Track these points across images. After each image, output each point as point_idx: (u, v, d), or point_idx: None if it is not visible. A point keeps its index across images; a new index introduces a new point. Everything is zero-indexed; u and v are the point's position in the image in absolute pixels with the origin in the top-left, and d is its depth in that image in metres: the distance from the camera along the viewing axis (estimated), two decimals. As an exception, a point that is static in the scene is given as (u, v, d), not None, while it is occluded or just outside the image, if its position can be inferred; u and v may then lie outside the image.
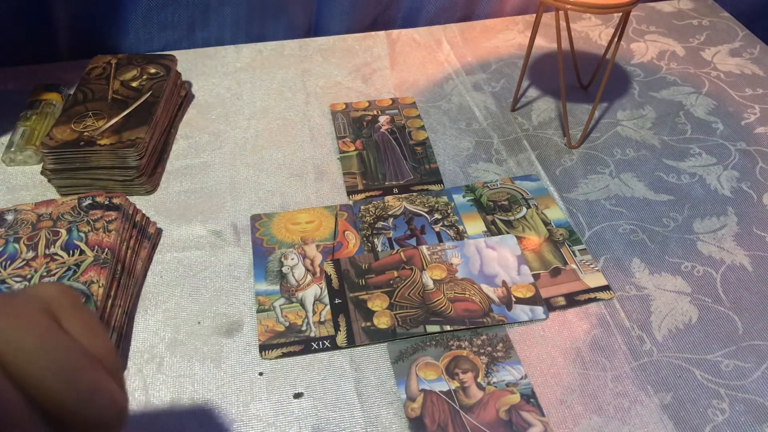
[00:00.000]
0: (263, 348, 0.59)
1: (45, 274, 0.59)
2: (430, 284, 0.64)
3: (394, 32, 1.00)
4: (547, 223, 0.70)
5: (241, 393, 0.56)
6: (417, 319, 0.61)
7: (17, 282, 0.58)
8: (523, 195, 0.74)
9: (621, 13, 0.74)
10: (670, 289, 0.64)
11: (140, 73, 0.81)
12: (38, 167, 0.76)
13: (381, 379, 0.57)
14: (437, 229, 0.70)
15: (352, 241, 0.69)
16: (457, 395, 0.55)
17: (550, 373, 0.57)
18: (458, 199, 0.73)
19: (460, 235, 0.69)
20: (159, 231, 0.70)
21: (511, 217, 0.71)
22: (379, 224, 0.71)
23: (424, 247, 0.68)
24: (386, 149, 0.80)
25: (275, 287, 0.64)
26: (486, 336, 0.60)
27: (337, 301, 0.63)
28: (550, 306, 0.62)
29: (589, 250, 0.67)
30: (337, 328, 0.60)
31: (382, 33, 1.00)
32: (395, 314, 0.61)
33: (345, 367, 0.58)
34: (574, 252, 0.67)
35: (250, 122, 0.84)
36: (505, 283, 0.64)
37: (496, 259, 0.66)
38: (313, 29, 1.01)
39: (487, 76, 0.92)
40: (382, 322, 0.61)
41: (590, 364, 0.58)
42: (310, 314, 0.62)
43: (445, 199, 0.73)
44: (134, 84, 0.80)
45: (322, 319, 0.61)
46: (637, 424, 0.54)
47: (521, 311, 0.62)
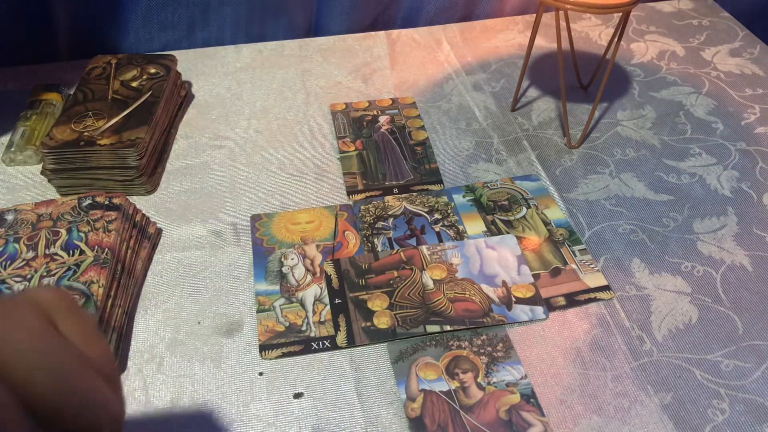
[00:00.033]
0: (263, 348, 0.59)
1: (45, 274, 0.59)
2: (430, 284, 0.64)
3: (394, 32, 1.00)
4: (547, 223, 0.70)
5: (241, 393, 0.56)
6: (417, 319, 0.61)
7: (17, 282, 0.58)
8: (523, 195, 0.74)
9: (621, 13, 0.74)
10: (670, 289, 0.64)
11: (140, 73, 0.81)
12: (38, 167, 0.76)
13: (381, 379, 0.57)
14: (437, 229, 0.70)
15: (352, 241, 0.69)
16: (457, 395, 0.55)
17: (550, 373, 0.57)
18: (458, 199, 0.73)
19: (460, 235, 0.69)
20: (159, 231, 0.70)
21: (511, 217, 0.71)
22: (379, 224, 0.71)
23: (424, 247, 0.68)
24: (386, 149, 0.80)
25: (275, 287, 0.64)
26: (486, 336, 0.60)
27: (337, 301, 0.63)
28: (550, 306, 0.62)
29: (589, 250, 0.67)
30: (337, 328, 0.60)
31: (382, 33, 1.00)
32: (395, 314, 0.61)
33: (345, 367, 0.58)
34: (574, 252, 0.67)
35: (250, 122, 0.84)
36: (505, 283, 0.64)
37: (496, 259, 0.66)
38: (313, 29, 1.01)
39: (487, 76, 0.92)
40: (382, 322, 0.61)
41: (590, 364, 0.58)
42: (310, 314, 0.62)
43: (445, 199, 0.73)
44: (134, 84, 0.80)
45: (322, 319, 0.61)
46: (637, 424, 0.53)
47: (521, 311, 0.62)
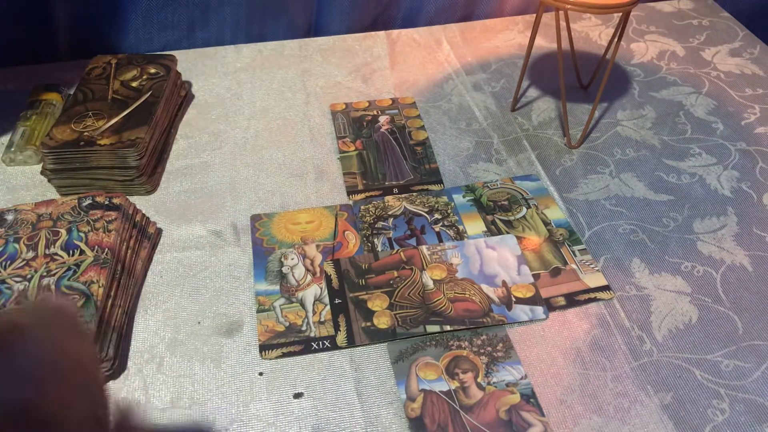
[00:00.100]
0: (263, 348, 0.59)
1: (45, 274, 0.59)
2: (430, 284, 0.64)
3: (394, 32, 1.00)
4: (547, 223, 0.70)
5: (241, 393, 0.56)
6: (417, 319, 0.61)
7: (17, 282, 0.58)
8: (523, 195, 0.74)
9: (621, 13, 0.74)
10: (670, 289, 0.64)
11: (140, 73, 0.81)
12: (38, 167, 0.76)
13: (381, 379, 0.57)
14: (437, 229, 0.70)
15: (352, 241, 0.69)
16: (457, 395, 0.55)
17: (550, 373, 0.57)
18: (458, 199, 0.73)
19: (460, 235, 0.69)
20: (159, 231, 0.70)
21: (511, 217, 0.71)
22: (379, 224, 0.71)
23: (424, 247, 0.68)
24: (386, 149, 0.80)
25: (275, 287, 0.64)
26: (486, 336, 0.60)
27: (337, 301, 0.63)
28: (550, 306, 0.62)
29: (589, 250, 0.67)
30: (337, 328, 0.60)
31: (382, 33, 1.00)
32: (395, 314, 0.61)
33: (345, 367, 0.58)
34: (574, 252, 0.67)
35: (250, 122, 0.84)
36: (505, 283, 0.64)
37: (496, 259, 0.66)
38: (313, 29, 1.01)
39: (487, 76, 0.92)
40: (382, 322, 0.61)
41: (590, 364, 0.58)
42: (310, 314, 0.62)
43: (445, 199, 0.73)
44: (134, 84, 0.80)
45: (322, 319, 0.61)
46: (637, 424, 0.53)
47: (521, 311, 0.62)
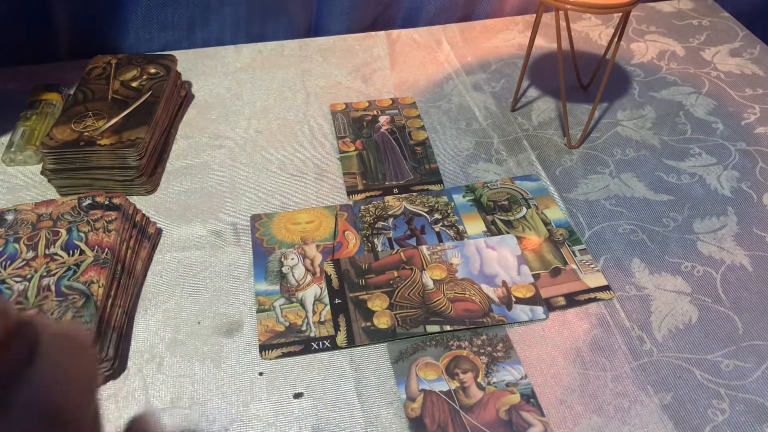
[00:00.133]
0: (263, 348, 0.59)
1: (45, 274, 0.59)
2: (430, 284, 0.64)
3: (394, 32, 1.00)
4: (547, 223, 0.70)
5: (241, 393, 0.56)
6: (417, 319, 0.61)
7: (17, 282, 0.58)
8: (523, 195, 0.74)
9: (621, 13, 0.74)
10: (670, 289, 0.64)
11: (140, 73, 0.81)
12: (38, 167, 0.76)
13: (381, 379, 0.57)
14: (437, 229, 0.70)
15: (352, 241, 0.69)
16: (457, 395, 0.55)
17: (550, 373, 0.57)
18: (458, 199, 0.73)
19: (460, 235, 0.69)
20: (159, 231, 0.70)
21: (511, 217, 0.71)
22: (379, 224, 0.71)
23: (424, 247, 0.68)
24: (386, 149, 0.80)
25: (275, 287, 0.64)
26: (486, 336, 0.60)
27: (337, 301, 0.63)
28: (550, 306, 0.62)
29: (589, 250, 0.67)
30: (337, 328, 0.60)
31: (382, 33, 1.00)
32: (395, 314, 0.61)
33: (345, 367, 0.58)
34: (574, 252, 0.67)
35: (250, 122, 0.84)
36: (505, 283, 0.64)
37: (496, 259, 0.66)
38: (313, 29, 1.01)
39: (487, 76, 0.92)
40: (382, 322, 0.61)
41: (590, 364, 0.58)
42: (310, 314, 0.62)
43: (445, 199, 0.73)
44: (134, 84, 0.80)
45: (322, 319, 0.61)
46: (637, 424, 0.53)
47: (521, 311, 0.62)
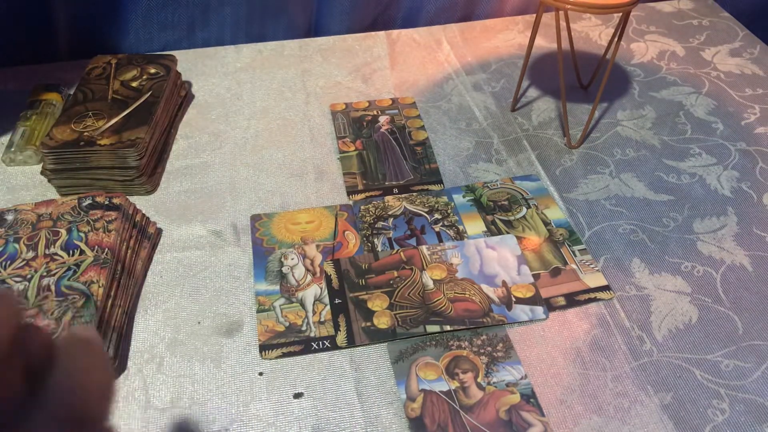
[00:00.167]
0: (263, 348, 0.59)
1: (45, 274, 0.59)
2: (430, 284, 0.64)
3: (394, 32, 1.00)
4: (547, 223, 0.70)
5: (241, 393, 0.56)
6: (417, 319, 0.61)
7: (17, 282, 0.58)
8: (523, 195, 0.74)
9: (621, 13, 0.74)
10: (670, 289, 0.64)
11: (140, 73, 0.81)
12: (38, 167, 0.76)
13: (381, 379, 0.57)
14: (437, 229, 0.70)
15: (352, 241, 0.69)
16: (457, 395, 0.55)
17: (550, 373, 0.57)
18: (458, 199, 0.73)
19: (460, 235, 0.69)
20: (159, 231, 0.70)
21: (511, 217, 0.71)
22: (379, 224, 0.70)
23: (424, 247, 0.68)
24: (386, 149, 0.80)
25: (275, 287, 0.64)
26: (486, 336, 0.60)
27: (337, 301, 0.63)
28: (550, 306, 0.62)
29: (589, 250, 0.67)
30: (337, 328, 0.60)
31: (382, 33, 1.00)
32: (395, 314, 0.61)
33: (345, 367, 0.58)
34: (574, 252, 0.67)
35: (250, 122, 0.84)
36: (505, 283, 0.64)
37: (496, 259, 0.66)
38: (313, 29, 1.01)
39: (487, 76, 0.92)
40: (382, 322, 0.61)
41: (590, 364, 0.58)
42: (310, 314, 0.62)
43: (445, 199, 0.73)
44: (134, 84, 0.80)
45: (322, 319, 0.61)
46: (637, 424, 0.53)
47: (521, 311, 0.62)
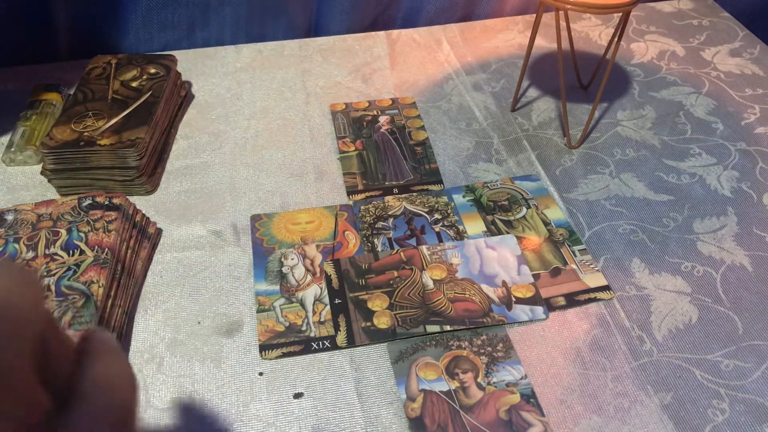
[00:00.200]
0: (263, 348, 0.59)
1: (45, 274, 0.59)
2: (430, 284, 0.64)
3: (394, 32, 1.00)
4: (547, 223, 0.70)
5: (241, 393, 0.56)
6: (417, 319, 0.61)
7: None
8: (523, 195, 0.74)
9: (621, 13, 0.74)
10: (670, 289, 0.64)
11: (140, 73, 0.81)
12: (38, 167, 0.76)
13: (381, 379, 0.57)
14: (437, 229, 0.70)
15: (352, 241, 0.69)
16: (457, 395, 0.55)
17: (550, 373, 0.57)
18: (458, 199, 0.73)
19: (460, 235, 0.69)
20: (159, 231, 0.70)
21: (511, 217, 0.71)
22: (379, 224, 0.70)
23: (424, 247, 0.68)
24: (386, 149, 0.80)
25: (275, 287, 0.64)
26: (486, 336, 0.60)
27: (337, 301, 0.63)
28: (550, 306, 0.62)
29: (589, 250, 0.67)
30: (337, 328, 0.60)
31: (382, 33, 1.00)
32: (395, 314, 0.61)
33: (345, 367, 0.58)
34: (574, 252, 0.67)
35: (250, 122, 0.84)
36: (505, 283, 0.64)
37: (496, 259, 0.66)
38: (313, 29, 1.01)
39: (487, 76, 0.92)
40: (382, 322, 0.61)
41: (590, 364, 0.58)
42: (310, 314, 0.62)
43: (445, 199, 0.73)
44: (134, 84, 0.80)
45: (322, 319, 0.61)
46: (637, 424, 0.53)
47: (521, 311, 0.62)
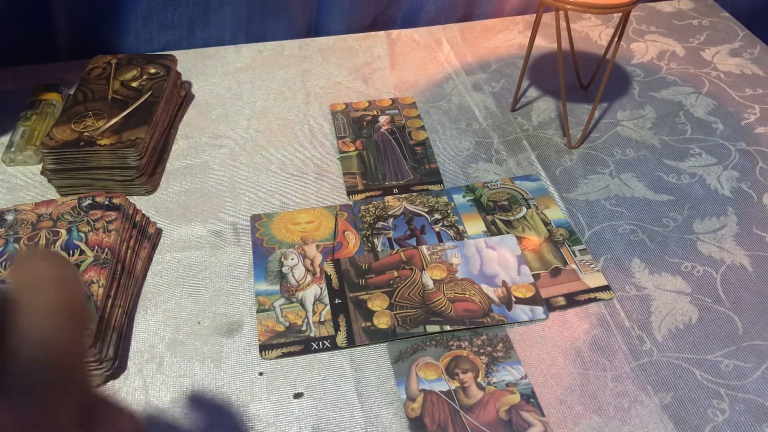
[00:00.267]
0: (263, 348, 0.59)
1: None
2: (430, 284, 0.64)
3: (394, 32, 1.00)
4: (547, 223, 0.70)
5: (241, 393, 0.56)
6: (417, 319, 0.61)
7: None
8: (523, 195, 0.74)
9: (621, 13, 0.74)
10: (670, 289, 0.64)
11: (140, 73, 0.81)
12: (38, 167, 0.76)
13: (381, 379, 0.57)
14: (437, 229, 0.70)
15: (352, 241, 0.69)
16: (457, 395, 0.55)
17: (550, 373, 0.57)
18: (458, 199, 0.73)
19: (460, 235, 0.69)
20: (159, 231, 0.70)
21: (511, 217, 0.71)
22: (379, 224, 0.71)
23: (424, 247, 0.68)
24: (386, 149, 0.80)
25: (275, 287, 0.64)
26: (486, 336, 0.60)
27: (337, 301, 0.63)
28: (550, 306, 0.62)
29: (589, 250, 0.67)
30: (337, 328, 0.60)
31: (382, 33, 1.00)
32: (395, 314, 0.61)
33: (345, 367, 0.58)
34: (574, 252, 0.67)
35: (250, 122, 0.84)
36: (505, 283, 0.64)
37: (496, 259, 0.66)
38: (313, 29, 1.01)
39: (487, 76, 0.92)
40: (382, 322, 0.61)
41: (590, 364, 0.58)
42: (310, 314, 0.62)
43: (445, 199, 0.73)
44: (134, 84, 0.80)
45: (322, 319, 0.61)
46: (637, 424, 0.53)
47: (521, 311, 0.62)
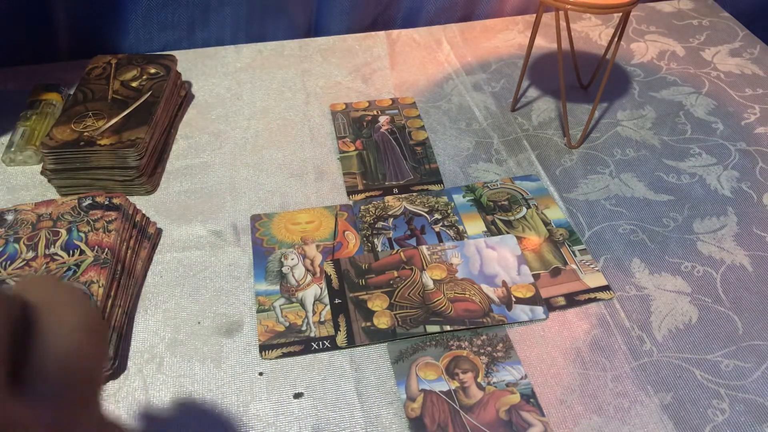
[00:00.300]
0: (263, 348, 0.59)
1: (45, 274, 0.59)
2: (430, 284, 0.64)
3: (394, 32, 1.00)
4: (547, 223, 0.70)
5: (241, 393, 0.56)
6: (417, 319, 0.61)
7: (17, 282, 0.58)
8: (523, 195, 0.74)
9: (621, 13, 0.74)
10: (670, 289, 0.64)
11: (140, 73, 0.81)
12: (38, 167, 0.76)
13: (381, 379, 0.57)
14: (437, 229, 0.70)
15: (352, 241, 0.69)
16: (457, 395, 0.55)
17: (550, 373, 0.57)
18: (458, 199, 0.73)
19: (460, 235, 0.69)
20: (159, 231, 0.70)
21: (511, 217, 0.71)
22: (379, 224, 0.71)
23: (424, 247, 0.68)
24: (386, 149, 0.80)
25: (275, 287, 0.64)
26: (486, 336, 0.60)
27: (337, 301, 0.63)
28: (550, 306, 0.62)
29: (589, 250, 0.67)
30: (337, 328, 0.60)
31: (382, 33, 1.00)
32: (395, 314, 0.61)
33: (345, 367, 0.58)
34: (574, 252, 0.67)
35: (250, 122, 0.84)
36: (505, 283, 0.64)
37: (496, 259, 0.66)
38: (313, 29, 1.01)
39: (487, 76, 0.92)
40: (382, 322, 0.61)
41: (590, 364, 0.58)
42: (310, 314, 0.62)
43: (445, 199, 0.73)
44: (134, 84, 0.80)
45: (322, 319, 0.61)
46: (637, 424, 0.54)
47: (521, 311, 0.62)
